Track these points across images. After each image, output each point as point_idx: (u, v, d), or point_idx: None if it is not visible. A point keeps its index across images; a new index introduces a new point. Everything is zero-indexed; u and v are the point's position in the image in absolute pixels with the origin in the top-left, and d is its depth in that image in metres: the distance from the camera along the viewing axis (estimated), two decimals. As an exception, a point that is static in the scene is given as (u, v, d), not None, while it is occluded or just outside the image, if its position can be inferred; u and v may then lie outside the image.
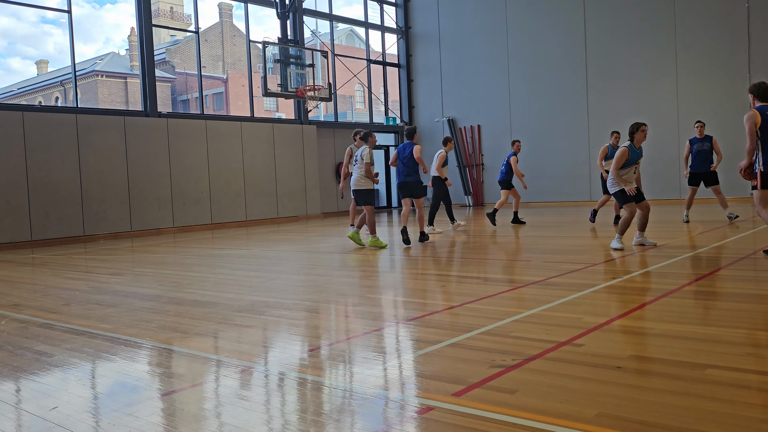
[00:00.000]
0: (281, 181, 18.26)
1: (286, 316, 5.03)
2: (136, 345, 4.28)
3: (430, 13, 22.54)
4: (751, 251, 7.41)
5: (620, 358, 3.41)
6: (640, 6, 18.12)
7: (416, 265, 8.05)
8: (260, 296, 5.95)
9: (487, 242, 10.30)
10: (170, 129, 15.69)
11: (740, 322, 4.16)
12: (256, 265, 8.57)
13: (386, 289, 6.33)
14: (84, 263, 9.84)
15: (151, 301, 6.00)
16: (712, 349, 3.50)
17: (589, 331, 3.97)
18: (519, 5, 20.41)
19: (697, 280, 5.75)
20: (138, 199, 14.95)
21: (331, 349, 4.01)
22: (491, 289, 5.76)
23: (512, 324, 4.28)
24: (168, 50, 43.40)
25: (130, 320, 5.08)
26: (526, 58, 20.30)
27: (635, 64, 18.30)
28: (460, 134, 21.96)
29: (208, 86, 42.47)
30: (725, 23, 16.89)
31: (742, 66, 16.73)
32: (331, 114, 21.97)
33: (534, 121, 20.20)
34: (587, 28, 19.05)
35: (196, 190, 16.15)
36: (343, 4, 56.20)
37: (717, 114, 16.61)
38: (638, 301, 4.98)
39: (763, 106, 6.52)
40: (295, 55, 18.19)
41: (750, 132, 6.39)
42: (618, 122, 18.25)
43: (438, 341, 3.93)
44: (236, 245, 11.58)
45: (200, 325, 4.77)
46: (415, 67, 23.19)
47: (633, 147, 7.97)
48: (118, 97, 40.83)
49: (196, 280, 7.33)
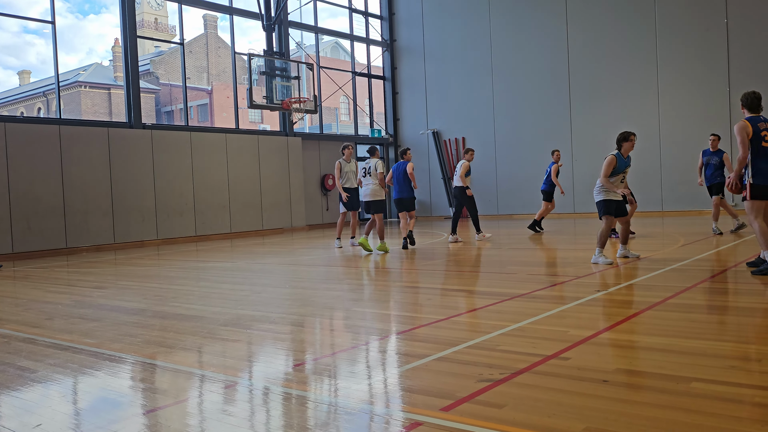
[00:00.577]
0: (266, 193, 18.21)
1: (271, 329, 5.00)
2: (120, 360, 4.24)
3: (414, 27, 22.69)
4: (733, 264, 7.49)
5: (606, 371, 3.43)
6: (621, 21, 18.37)
7: (403, 278, 8.05)
8: (246, 310, 5.91)
9: (474, 255, 10.33)
10: (154, 140, 15.61)
11: (724, 334, 4.20)
12: (242, 278, 8.52)
13: (373, 303, 6.32)
14: (66, 276, 9.74)
15: (135, 315, 5.94)
16: (697, 363, 3.53)
17: (576, 345, 3.99)
18: (502, 19, 20.62)
19: (681, 292, 5.80)
20: (121, 211, 14.83)
21: (317, 364, 3.99)
22: (478, 302, 5.77)
23: (499, 337, 4.29)
24: (152, 61, 43.27)
25: (114, 335, 5.03)
26: (510, 72, 20.48)
27: (617, 78, 18.52)
28: (445, 147, 22.06)
29: (193, 98, 42.34)
30: (705, 38, 17.17)
31: (722, 80, 17.00)
32: (316, 126, 22.00)
33: (517, 134, 20.35)
34: (570, 42, 19.27)
35: (180, 202, 16.06)
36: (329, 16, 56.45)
37: (697, 128, 16.83)
38: (624, 314, 5.01)
39: (753, 117, 6.48)
40: (281, 67, 18.21)
41: (743, 142, 6.34)
42: (600, 136, 18.46)
43: (425, 355, 3.92)
44: (221, 258, 11.51)
45: (185, 340, 4.73)
46: (400, 80, 23.30)
47: (620, 156, 8.02)
48: (102, 108, 40.58)
49: (181, 293, 7.28)
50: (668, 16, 17.67)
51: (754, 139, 6.35)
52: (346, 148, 11.82)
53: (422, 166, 22.58)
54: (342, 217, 12.04)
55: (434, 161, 22.36)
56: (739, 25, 16.71)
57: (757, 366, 3.43)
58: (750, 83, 16.63)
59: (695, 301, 5.48)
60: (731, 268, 7.13)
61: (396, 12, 23.27)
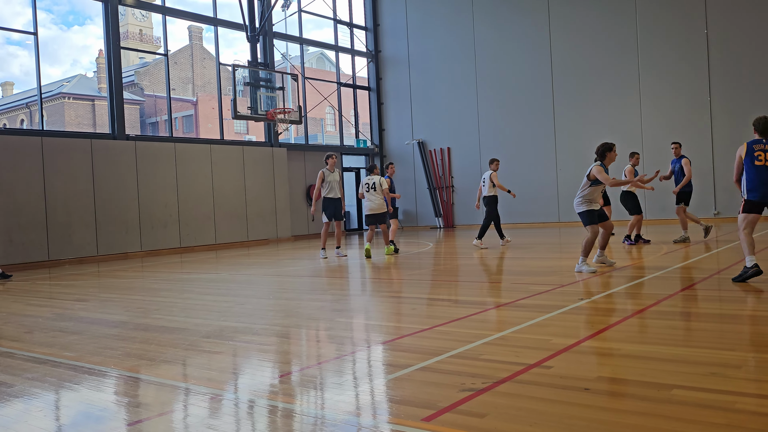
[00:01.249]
0: (251, 203, 18.16)
1: (255, 341, 4.97)
2: (100, 373, 4.19)
3: (399, 38, 22.80)
4: (715, 271, 7.56)
5: (588, 379, 3.44)
6: (603, 31, 18.58)
7: (387, 287, 8.04)
8: (229, 321, 5.87)
9: (458, 264, 10.35)
10: (138, 152, 15.53)
11: (705, 341, 4.23)
12: (225, 290, 8.48)
13: (357, 313, 6.31)
14: (48, 289, 9.63)
15: (116, 327, 5.88)
16: (678, 370, 3.55)
17: (558, 353, 4.00)
18: (486, 30, 20.77)
19: (662, 300, 5.84)
20: (105, 223, 14.72)
21: (302, 375, 3.97)
22: (461, 311, 5.77)
23: (482, 346, 4.29)
24: (137, 72, 43.09)
25: (95, 348, 4.98)
26: (494, 82, 20.62)
27: (600, 87, 18.71)
28: (430, 157, 22.13)
29: (178, 109, 42.19)
30: (686, 48, 17.40)
31: (703, 88, 17.22)
32: (301, 136, 22.00)
33: (502, 144, 20.46)
34: (553, 52, 19.45)
35: (164, 213, 15.97)
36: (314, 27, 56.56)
37: (679, 135, 17.01)
38: (606, 322, 5.04)
39: (755, 140, 6.84)
40: (265, 78, 18.22)
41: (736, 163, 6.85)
42: (584, 144, 18.60)
43: (408, 365, 3.92)
44: (205, 269, 11.45)
45: (167, 352, 4.68)
46: (385, 90, 23.38)
47: (604, 166, 8.14)
48: (86, 119, 40.32)
49: (164, 305, 7.22)
50: (649, 26, 17.90)
51: (747, 158, 6.75)
52: (329, 157, 11.83)
53: (408, 177, 22.63)
54: (326, 227, 12.02)
55: (420, 171, 22.42)
56: (719, 34, 16.96)
57: (737, 373, 3.45)
58: (730, 91, 16.88)
59: (677, 308, 5.52)
60: (713, 276, 7.20)
61: (381, 23, 23.38)
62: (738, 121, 16.81)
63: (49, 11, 55.27)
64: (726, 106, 16.96)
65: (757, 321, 4.75)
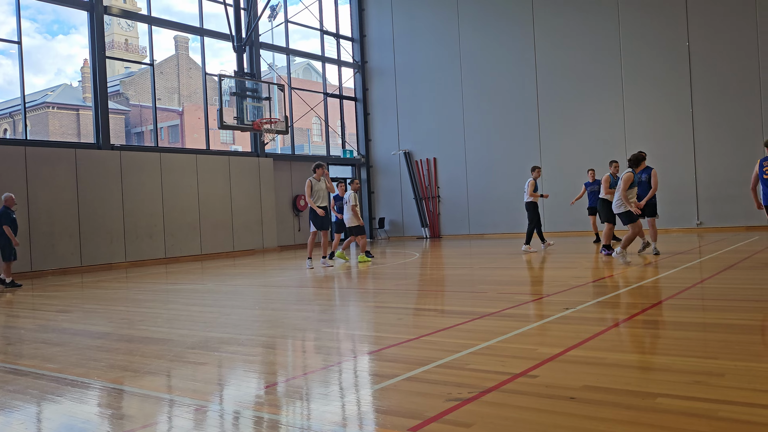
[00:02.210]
0: (237, 214, 18.09)
1: (241, 352, 4.95)
2: (83, 385, 4.14)
3: (385, 49, 22.91)
4: (699, 280, 7.63)
5: (573, 388, 3.45)
6: (588, 41, 18.78)
7: (373, 298, 8.03)
8: (214, 332, 5.84)
9: (444, 274, 10.37)
10: (123, 161, 15.45)
11: (688, 350, 4.26)
12: (211, 300, 8.43)
13: (343, 323, 6.30)
14: (31, 300, 9.52)
15: (100, 338, 5.83)
16: (662, 378, 3.57)
17: (544, 362, 4.02)
18: (472, 40, 20.93)
19: (647, 309, 5.88)
20: (88, 234, 14.60)
21: (288, 386, 3.95)
22: (447, 321, 5.78)
23: (468, 356, 4.30)
24: (122, 82, 42.90)
25: (78, 359, 4.92)
26: (480, 93, 20.76)
27: (584, 98, 18.89)
28: (417, 167, 22.20)
29: (163, 118, 42.04)
30: (669, 58, 17.63)
31: (685, 99, 17.44)
32: (288, 147, 21.99)
33: (488, 154, 20.58)
34: (538, 64, 19.63)
35: (149, 223, 15.87)
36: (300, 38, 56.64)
37: (663, 146, 17.22)
38: (591, 331, 5.06)
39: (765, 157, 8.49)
40: (252, 88, 18.21)
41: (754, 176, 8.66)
42: (569, 153, 18.75)
43: (395, 375, 3.91)
44: (190, 280, 11.37)
45: (152, 363, 4.64)
46: (371, 101, 23.46)
47: (635, 172, 9.55)
48: (70, 129, 40.04)
49: (148, 316, 7.16)
50: (633, 38, 18.12)
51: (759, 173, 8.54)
52: (318, 167, 11.85)
53: (394, 187, 22.69)
54: (312, 237, 12.01)
55: (406, 182, 22.47)
56: (701, 46, 17.21)
57: (720, 381, 3.48)
58: (711, 101, 17.11)
59: (660, 317, 5.56)
60: (696, 285, 7.26)
61: (367, 34, 23.48)
62: (720, 131, 17.04)
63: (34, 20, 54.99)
64: (708, 117, 17.18)
65: (740, 330, 4.80)
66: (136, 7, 39.73)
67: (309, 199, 11.64)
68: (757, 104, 16.61)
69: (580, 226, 17.47)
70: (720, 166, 17.02)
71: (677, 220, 17.60)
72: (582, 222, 16.92)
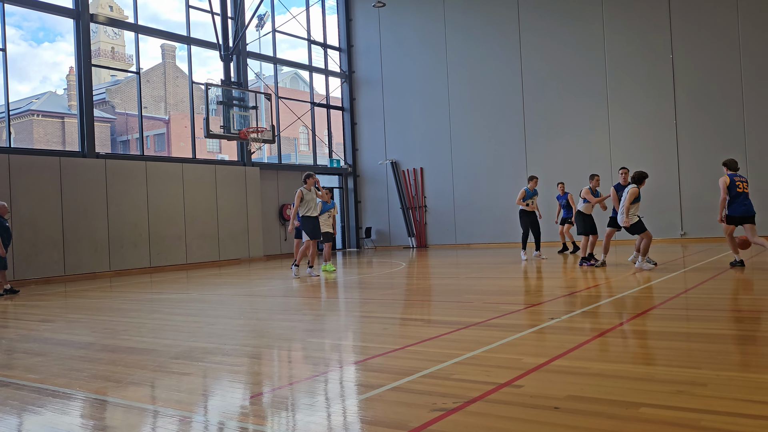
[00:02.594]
0: (223, 223, 18.02)
1: (225, 362, 4.92)
2: (65, 396, 4.10)
3: (373, 59, 22.99)
4: (682, 290, 7.69)
5: (558, 398, 3.46)
6: (573, 53, 18.96)
7: (359, 307, 8.02)
8: (199, 342, 5.80)
9: (430, 284, 10.37)
10: (108, 170, 15.35)
11: (672, 360, 4.29)
12: (196, 310, 8.37)
13: (329, 333, 6.28)
14: (13, 310, 9.41)
15: (83, 348, 5.77)
16: (646, 388, 3.59)
17: (529, 372, 4.03)
18: (459, 52, 21.06)
19: (630, 319, 5.92)
20: (72, 243, 14.47)
21: (273, 396, 3.93)
22: (433, 331, 5.78)
23: (453, 366, 4.30)
24: (108, 90, 42.69)
25: (60, 369, 4.87)
26: (467, 103, 20.88)
27: (570, 109, 19.04)
28: (403, 177, 22.25)
29: (150, 127, 41.86)
30: (652, 73, 17.83)
31: (669, 115, 17.63)
32: (275, 156, 21.96)
33: (475, 164, 20.67)
34: (524, 76, 19.78)
35: (134, 232, 15.76)
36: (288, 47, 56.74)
37: (647, 159, 17.38)
38: (575, 340, 5.08)
39: (731, 173, 9.83)
40: (239, 97, 18.20)
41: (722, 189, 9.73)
42: (555, 166, 18.88)
43: (380, 385, 3.91)
44: (175, 289, 11.30)
45: (135, 374, 4.60)
46: (358, 111, 23.51)
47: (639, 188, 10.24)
48: (55, 137, 39.75)
49: (132, 326, 7.11)
50: (616, 51, 18.32)
51: (730, 187, 9.71)
52: (309, 177, 11.86)
53: (381, 197, 22.72)
54: (308, 245, 11.92)
55: (393, 191, 22.51)
56: (684, 58, 17.43)
57: (703, 390, 3.51)
58: (695, 114, 17.31)
59: (644, 327, 5.60)
60: (680, 295, 7.32)
61: (354, 44, 23.57)
62: (703, 142, 17.24)
63: (19, 27, 54.64)
64: (691, 128, 17.38)
65: (723, 339, 4.84)
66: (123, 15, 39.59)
67: (294, 210, 11.71)
68: (740, 116, 16.83)
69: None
70: (703, 177, 17.19)
71: (661, 231, 17.73)
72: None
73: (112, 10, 45.72)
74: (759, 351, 4.40)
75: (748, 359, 4.17)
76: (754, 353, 4.34)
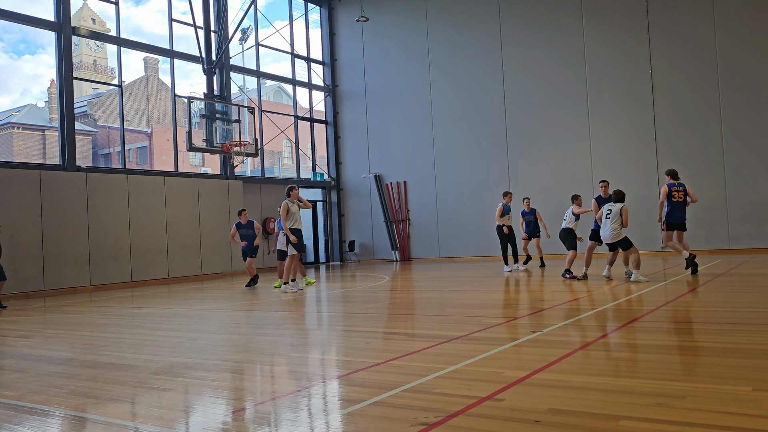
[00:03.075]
0: (206, 236, 17.92)
1: (207, 377, 4.88)
2: (43, 413, 4.05)
3: (356, 73, 23.09)
4: (662, 303, 7.77)
5: (539, 411, 3.48)
6: (555, 70, 19.19)
7: (342, 321, 8.01)
8: (180, 357, 5.76)
9: (413, 298, 10.38)
10: (89, 183, 15.23)
11: (651, 372, 4.33)
12: (177, 325, 8.31)
13: (311, 347, 6.26)
14: (-10, 325, 9.27)
15: (61, 364, 5.70)
16: (625, 401, 3.63)
17: (510, 386, 4.05)
18: (442, 67, 21.22)
19: (612, 332, 5.97)
20: (52, 257, 14.31)
21: (255, 411, 3.91)
22: (416, 345, 5.79)
23: (435, 380, 4.31)
24: (90, 103, 42.43)
25: (38, 386, 4.81)
26: (450, 118, 21.02)
27: (551, 125, 19.24)
28: (387, 190, 22.29)
29: (132, 140, 41.62)
30: (632, 90, 18.10)
31: (648, 129, 17.87)
32: (258, 169, 21.92)
33: (458, 178, 20.77)
34: (506, 91, 19.96)
35: (115, 246, 15.62)
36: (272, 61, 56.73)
37: (628, 172, 17.58)
38: (557, 354, 5.11)
39: (671, 183, 10.97)
40: (222, 111, 18.18)
41: (661, 198, 11.08)
42: (537, 180, 19.03)
43: (362, 400, 3.90)
44: (156, 304, 11.21)
45: (115, 390, 4.56)
46: (342, 124, 23.56)
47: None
48: (35, 150, 39.38)
49: (112, 341, 7.03)
50: (597, 66, 18.57)
51: (668, 195, 10.95)
52: (292, 189, 11.83)
53: (364, 210, 22.74)
54: (294, 259, 11.86)
55: (376, 205, 22.54)
56: (663, 75, 17.71)
57: (681, 403, 3.54)
58: (674, 129, 17.56)
59: (624, 340, 5.64)
60: (660, 308, 7.40)
61: (338, 58, 23.66)
62: (682, 158, 17.49)
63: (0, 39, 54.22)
64: (671, 145, 17.63)
65: (701, 352, 4.90)
66: (106, 28, 39.43)
67: (284, 223, 11.59)
68: (717, 132, 17.11)
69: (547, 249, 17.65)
70: (683, 190, 17.43)
71: (643, 243, 17.89)
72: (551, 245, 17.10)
73: (95, 23, 45.53)
74: (737, 363, 4.46)
75: (726, 371, 4.22)
76: (732, 365, 4.39)
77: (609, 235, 10.57)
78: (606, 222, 10.61)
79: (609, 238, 10.58)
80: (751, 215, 16.78)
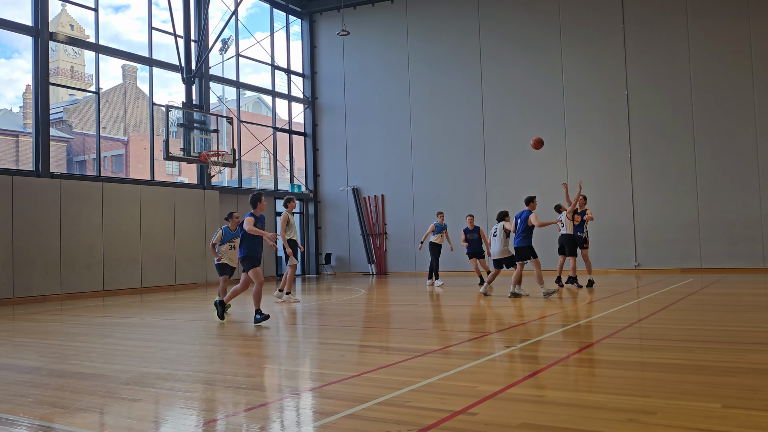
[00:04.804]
0: (180, 246, 17.73)
1: (178, 388, 4.81)
2: (8, 422, 3.95)
3: (336, 86, 23.14)
4: (635, 320, 7.85)
5: (511, 426, 3.49)
6: (532, 88, 19.43)
7: (317, 334, 7.96)
8: (151, 367, 5.67)
9: (389, 311, 10.37)
10: (63, 190, 15.01)
11: (623, 388, 4.37)
12: (149, 335, 8.19)
13: (285, 359, 6.21)
14: (-45, 333, 9.05)
15: (29, 373, 5.58)
16: (597, 416, 3.65)
17: (484, 400, 4.05)
18: (421, 81, 21.37)
19: (585, 348, 6.01)
20: (23, 264, 14.04)
21: (227, 423, 3.86)
22: (390, 358, 5.77)
23: (409, 393, 4.30)
24: (66, 109, 41.92)
25: (4, 395, 4.70)
26: (428, 132, 21.13)
27: (528, 142, 19.40)
28: (364, 203, 22.29)
29: (108, 148, 41.16)
30: (608, 109, 18.40)
31: (624, 148, 18.15)
32: (235, 180, 21.80)
33: (435, 192, 20.86)
34: (485, 107, 20.15)
35: (88, 254, 15.38)
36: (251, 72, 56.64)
37: (602, 190, 17.80)
38: (530, 369, 5.14)
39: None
40: (200, 120, 18.07)
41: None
42: (514, 194, 19.16)
43: (335, 412, 3.88)
44: (128, 313, 11.04)
45: (83, 400, 4.47)
46: (320, 137, 23.56)
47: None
48: (8, 155, 38.77)
49: (82, 350, 6.91)
50: (574, 87, 18.85)
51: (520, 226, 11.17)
52: (290, 200, 11.79)
53: (342, 223, 22.70)
54: (292, 270, 11.74)
55: (353, 218, 22.52)
56: (637, 95, 18.03)
57: (652, 419, 3.58)
58: (649, 146, 17.86)
59: (598, 356, 5.69)
60: (633, 325, 7.47)
61: (318, 71, 23.70)
62: (656, 176, 17.79)
63: (-25, 43, 53.44)
64: (645, 163, 17.92)
65: (673, 369, 4.95)
66: (84, 34, 39.08)
67: (283, 234, 11.42)
68: (691, 151, 17.42)
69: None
70: (657, 210, 17.71)
71: (616, 261, 18.13)
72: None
73: (73, 29, 45.12)
74: (707, 380, 4.52)
75: (697, 388, 4.27)
76: (702, 382, 4.45)
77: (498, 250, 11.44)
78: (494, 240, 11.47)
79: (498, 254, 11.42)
80: (723, 235, 17.07)
